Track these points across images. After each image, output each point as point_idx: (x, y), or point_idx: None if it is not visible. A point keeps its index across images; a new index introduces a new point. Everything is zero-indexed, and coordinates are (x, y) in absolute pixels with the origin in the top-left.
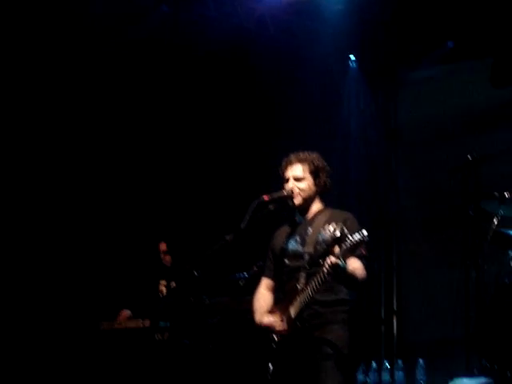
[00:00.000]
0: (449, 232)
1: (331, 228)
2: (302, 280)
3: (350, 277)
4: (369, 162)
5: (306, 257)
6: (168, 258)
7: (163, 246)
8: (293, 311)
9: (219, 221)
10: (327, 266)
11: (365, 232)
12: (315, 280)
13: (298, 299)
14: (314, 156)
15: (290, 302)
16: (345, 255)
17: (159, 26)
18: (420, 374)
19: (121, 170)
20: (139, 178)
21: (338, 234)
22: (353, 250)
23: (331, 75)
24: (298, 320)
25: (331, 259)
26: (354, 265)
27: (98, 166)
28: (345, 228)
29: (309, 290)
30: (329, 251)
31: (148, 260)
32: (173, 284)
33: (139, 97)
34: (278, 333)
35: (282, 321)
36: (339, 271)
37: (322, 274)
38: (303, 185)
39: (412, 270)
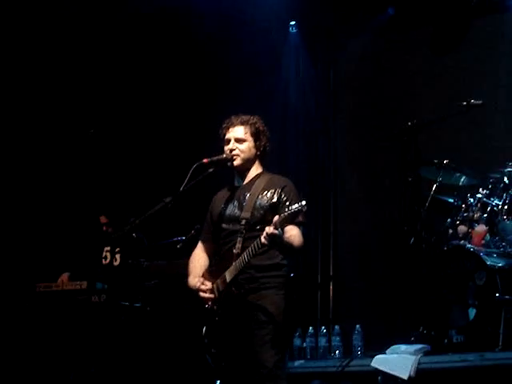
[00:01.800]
0: (387, 198)
1: (269, 194)
2: (238, 245)
3: (286, 245)
4: (307, 128)
5: (243, 222)
6: (110, 229)
7: (103, 219)
8: (228, 276)
9: (161, 185)
10: (265, 235)
11: (303, 202)
12: (251, 246)
13: (234, 264)
14: (256, 119)
15: (226, 267)
16: (282, 224)
17: None
18: (357, 340)
19: (65, 137)
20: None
21: (275, 200)
22: (291, 219)
23: (271, 40)
24: (232, 284)
25: (269, 229)
26: (292, 232)
27: (45, 132)
28: (283, 195)
29: (245, 256)
30: (265, 218)
31: (90, 226)
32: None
33: (80, 59)
34: (205, 300)
35: (212, 287)
36: (276, 240)
37: (258, 242)
38: (243, 146)
39: (349, 236)
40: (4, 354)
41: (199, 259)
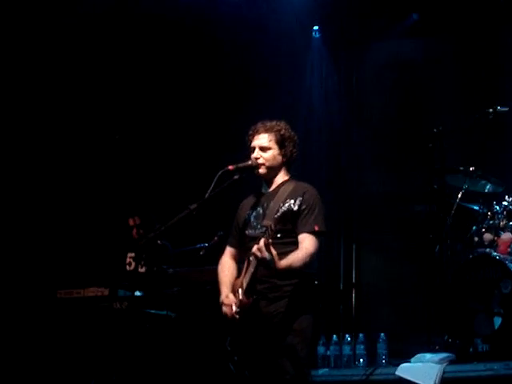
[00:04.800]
0: (412, 206)
1: (291, 202)
2: None
3: (282, 268)
4: (330, 134)
5: (263, 229)
6: (139, 233)
7: (131, 222)
8: (244, 283)
9: (187, 192)
10: (253, 251)
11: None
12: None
13: (248, 271)
14: (282, 125)
15: (244, 274)
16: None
17: None
18: (381, 348)
19: (90, 142)
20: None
21: (295, 209)
22: (285, 221)
23: (294, 45)
24: (252, 293)
25: (255, 248)
26: (291, 258)
27: (68, 137)
28: (303, 203)
29: (254, 263)
30: (286, 226)
31: (115, 232)
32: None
33: (101, 68)
34: (225, 314)
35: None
36: (266, 264)
37: (253, 260)
38: (268, 154)
39: (372, 243)
40: (25, 360)
41: (228, 267)
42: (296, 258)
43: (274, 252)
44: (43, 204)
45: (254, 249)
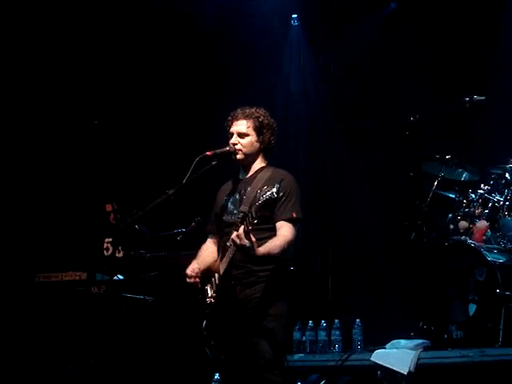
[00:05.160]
0: (389, 193)
1: (268, 189)
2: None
3: (261, 255)
4: (308, 120)
5: (240, 215)
6: (115, 218)
7: (109, 207)
8: (221, 269)
9: (166, 177)
10: (231, 238)
11: (274, 190)
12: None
13: (225, 257)
14: (261, 112)
15: (221, 259)
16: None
17: None
18: (357, 334)
19: (69, 128)
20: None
21: (272, 195)
22: (265, 207)
23: (273, 33)
24: (228, 278)
25: (234, 234)
26: (279, 232)
27: (47, 123)
28: (280, 190)
29: (232, 249)
30: (263, 212)
31: (92, 217)
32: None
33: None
34: (191, 284)
35: (211, 281)
36: (244, 250)
37: (232, 247)
38: (246, 141)
39: (349, 230)
40: (3, 344)
41: (206, 249)
42: (274, 245)
43: (253, 239)
44: (22, 189)
45: (234, 236)
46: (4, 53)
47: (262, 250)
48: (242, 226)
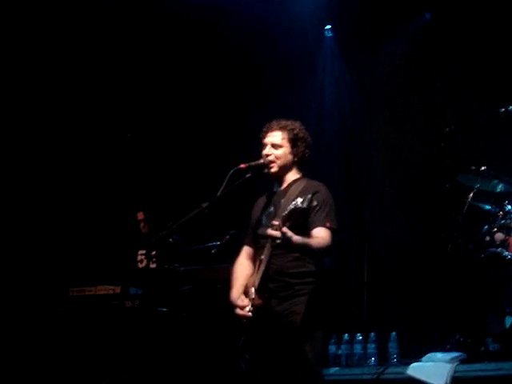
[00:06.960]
0: (424, 205)
1: (302, 200)
2: (266, 251)
3: (300, 245)
4: (342, 133)
5: (273, 228)
6: (146, 228)
7: (140, 215)
8: (256, 282)
9: (199, 189)
10: (271, 229)
11: (299, 200)
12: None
13: (259, 270)
14: (296, 125)
15: (256, 273)
16: (287, 221)
17: None
18: (393, 347)
19: (100, 139)
20: (118, 147)
21: (305, 206)
22: (296, 216)
23: (307, 45)
24: (261, 291)
25: (270, 231)
26: (318, 234)
27: (75, 134)
28: (314, 201)
29: (265, 261)
30: (296, 224)
31: (124, 228)
32: (153, 253)
33: (114, 66)
34: (240, 317)
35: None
36: (282, 241)
37: (268, 246)
38: (279, 152)
39: (384, 242)
40: (38, 358)
41: (242, 268)
42: (312, 240)
43: (288, 231)
44: (54, 202)
45: (269, 230)
46: (38, 67)
47: (300, 239)
48: (275, 221)
